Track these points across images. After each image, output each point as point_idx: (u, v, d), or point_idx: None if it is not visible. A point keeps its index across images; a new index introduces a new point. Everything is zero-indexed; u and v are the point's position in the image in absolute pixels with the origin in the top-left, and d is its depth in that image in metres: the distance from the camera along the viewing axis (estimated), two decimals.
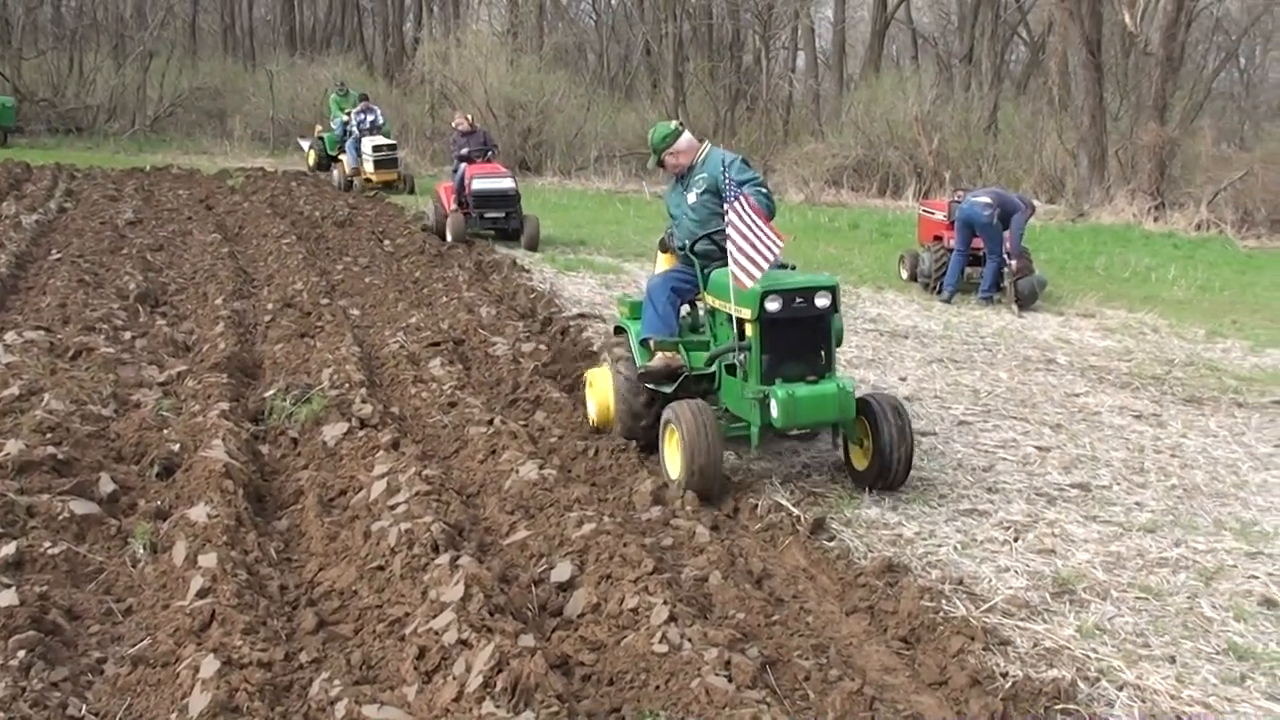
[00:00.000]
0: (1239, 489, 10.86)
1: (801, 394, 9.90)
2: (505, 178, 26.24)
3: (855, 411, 10.23)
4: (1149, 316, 19.58)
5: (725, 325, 10.82)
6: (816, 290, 10.18)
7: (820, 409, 10.00)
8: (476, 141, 27.13)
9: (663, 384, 11.11)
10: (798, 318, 10.17)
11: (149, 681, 6.40)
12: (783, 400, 9.82)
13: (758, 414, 10.09)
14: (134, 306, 16.07)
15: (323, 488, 9.70)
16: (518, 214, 26.11)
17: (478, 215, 25.69)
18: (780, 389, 9.91)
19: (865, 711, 6.40)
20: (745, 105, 54.89)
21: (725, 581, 8.10)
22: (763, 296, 9.93)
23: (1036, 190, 39.43)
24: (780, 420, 9.90)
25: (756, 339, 10.15)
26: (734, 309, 10.25)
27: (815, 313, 10.23)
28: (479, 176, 25.70)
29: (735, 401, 10.70)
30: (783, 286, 10.09)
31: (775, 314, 10.03)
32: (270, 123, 51.57)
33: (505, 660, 6.15)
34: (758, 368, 10.17)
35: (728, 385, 10.90)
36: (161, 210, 27.73)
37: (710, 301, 11.17)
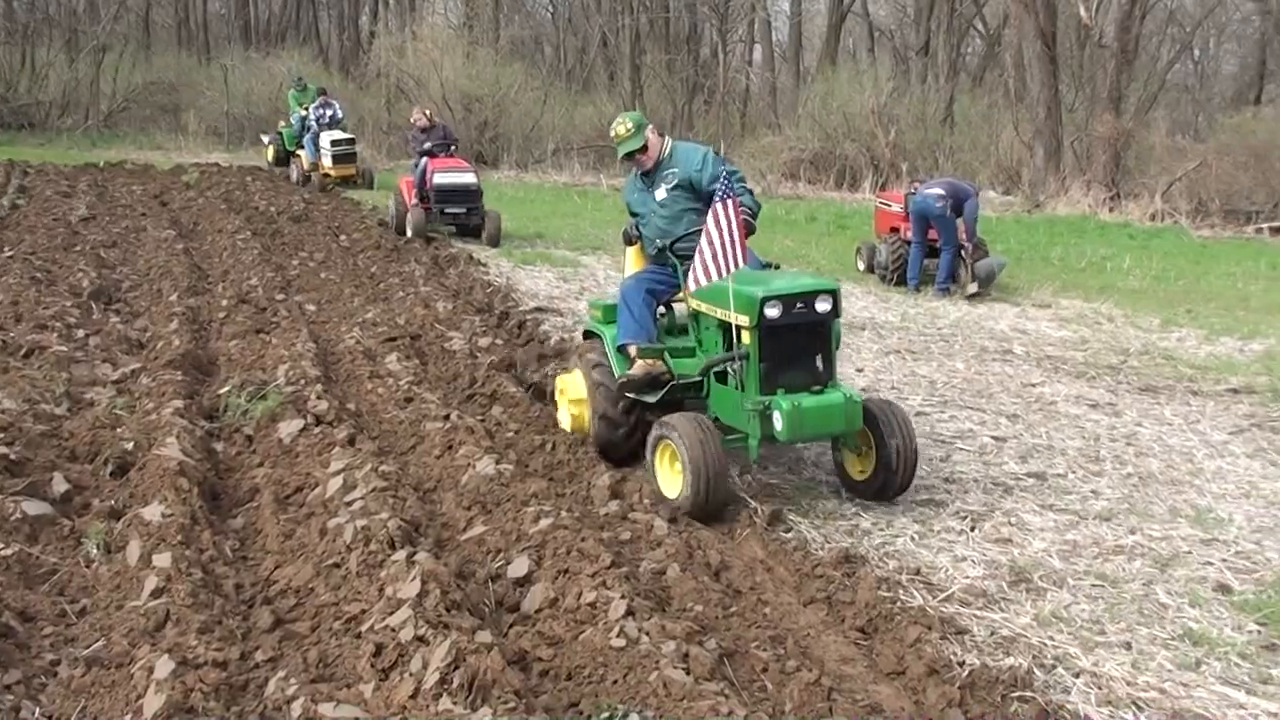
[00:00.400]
0: (1194, 476, 10.91)
1: (807, 405, 9.34)
2: (468, 172, 25.97)
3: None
4: (1104, 306, 19.65)
5: (713, 330, 10.39)
6: (817, 294, 9.64)
7: (827, 420, 9.45)
8: (437, 136, 26.80)
9: (645, 393, 10.48)
10: (798, 323, 9.60)
11: (103, 683, 6.35)
12: (788, 412, 9.25)
13: (758, 426, 9.51)
14: (87, 304, 15.98)
15: (278, 485, 9.66)
16: (479, 209, 25.73)
17: (439, 210, 25.42)
18: (784, 400, 9.35)
19: (823, 702, 6.40)
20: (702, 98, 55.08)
21: (683, 574, 8.09)
22: (762, 302, 9.37)
23: (993, 182, 39.66)
24: (785, 433, 9.32)
25: (755, 347, 9.57)
26: (733, 316, 9.66)
27: (816, 318, 9.68)
28: (441, 171, 25.42)
29: (729, 412, 10.10)
30: (783, 291, 9.53)
31: (775, 320, 9.47)
32: (225, 117, 51.31)
33: (462, 656, 6.13)
34: (756, 377, 9.58)
35: (719, 394, 10.29)
36: (115, 206, 27.58)
37: (696, 305, 10.59)
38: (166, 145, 47.20)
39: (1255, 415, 13.11)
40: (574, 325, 16.18)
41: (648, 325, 10.74)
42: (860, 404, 9.59)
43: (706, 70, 57.61)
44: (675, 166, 11.05)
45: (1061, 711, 6.42)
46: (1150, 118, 45.02)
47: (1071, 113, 44.01)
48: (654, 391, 10.46)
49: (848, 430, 9.66)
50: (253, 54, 59.88)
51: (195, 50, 69.79)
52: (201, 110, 52.29)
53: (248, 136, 48.84)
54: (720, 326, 10.17)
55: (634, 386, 10.42)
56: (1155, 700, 6.64)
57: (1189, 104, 63.11)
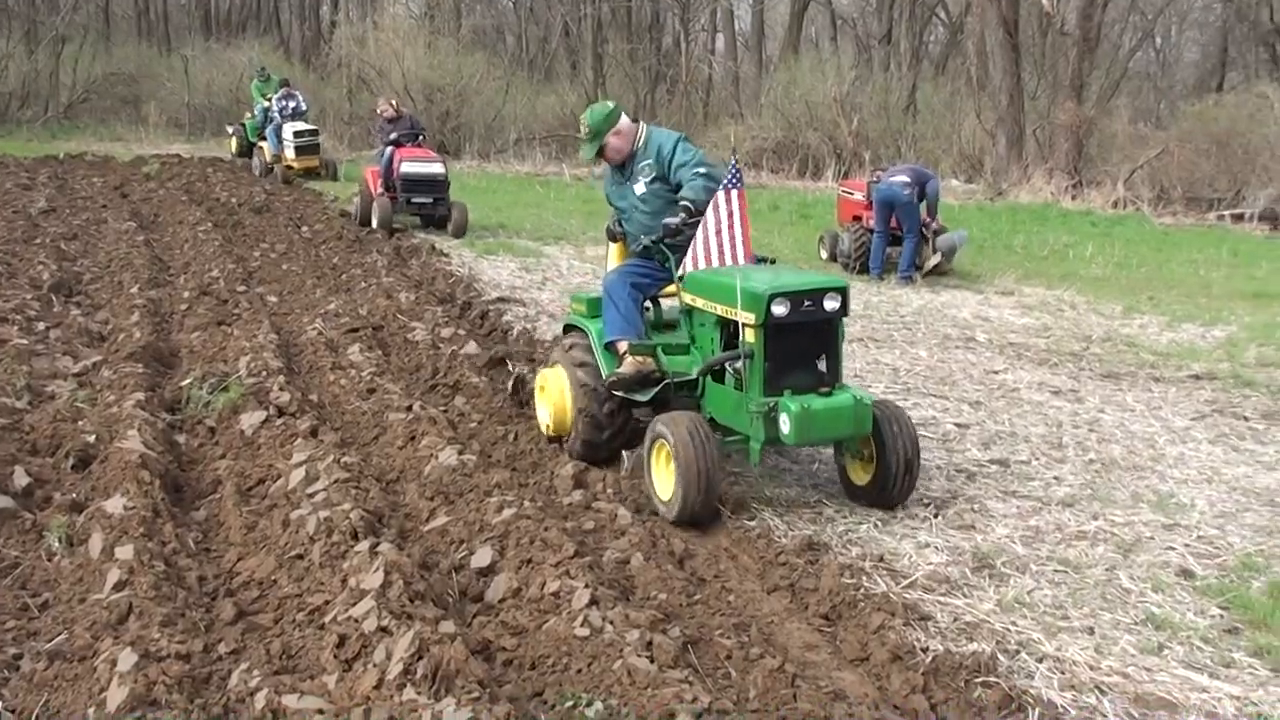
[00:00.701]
0: (1156, 462, 10.95)
1: (817, 407, 8.90)
2: (435, 162, 25.67)
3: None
4: (1067, 294, 19.73)
5: (710, 327, 9.89)
6: (826, 292, 9.16)
7: (836, 423, 9.01)
8: (404, 126, 26.53)
9: (636, 392, 10.07)
10: (805, 322, 9.14)
11: (66, 676, 6.32)
12: (796, 415, 8.80)
13: (761, 428, 9.04)
14: (48, 296, 15.90)
15: (241, 477, 9.63)
16: (446, 200, 25.53)
17: (405, 200, 25.13)
18: (792, 401, 8.91)
19: (787, 689, 6.40)
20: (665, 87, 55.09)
21: (647, 563, 8.09)
22: (769, 299, 8.89)
23: (955, 170, 39.80)
24: (793, 436, 8.85)
25: (760, 345, 9.09)
26: (738, 313, 9.10)
27: (824, 316, 9.20)
28: (408, 160, 25.11)
29: (727, 413, 9.63)
30: (790, 289, 9.03)
31: (782, 318, 8.99)
32: (186, 109, 51.17)
33: (426, 647, 6.12)
34: (761, 377, 9.14)
35: (716, 394, 9.81)
36: (76, 198, 27.44)
37: (691, 300, 10.00)
38: (127, 137, 46.98)
39: (1217, 401, 13.18)
40: (536, 315, 16.19)
41: (635, 321, 10.32)
42: (870, 406, 9.17)
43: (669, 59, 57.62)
44: (650, 157, 10.61)
45: (1025, 696, 6.43)
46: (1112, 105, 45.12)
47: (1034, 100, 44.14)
48: (645, 390, 10.06)
49: (856, 433, 9.24)
50: (213, 44, 59.74)
51: (155, 41, 69.52)
52: (162, 101, 52.11)
53: (209, 127, 48.72)
54: (719, 323, 9.74)
55: (624, 385, 10.03)
56: (1118, 685, 6.66)
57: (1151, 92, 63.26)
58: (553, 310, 16.68)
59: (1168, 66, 69.32)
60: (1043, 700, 6.42)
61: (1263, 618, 7.63)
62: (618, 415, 10.30)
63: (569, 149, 46.08)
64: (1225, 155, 37.21)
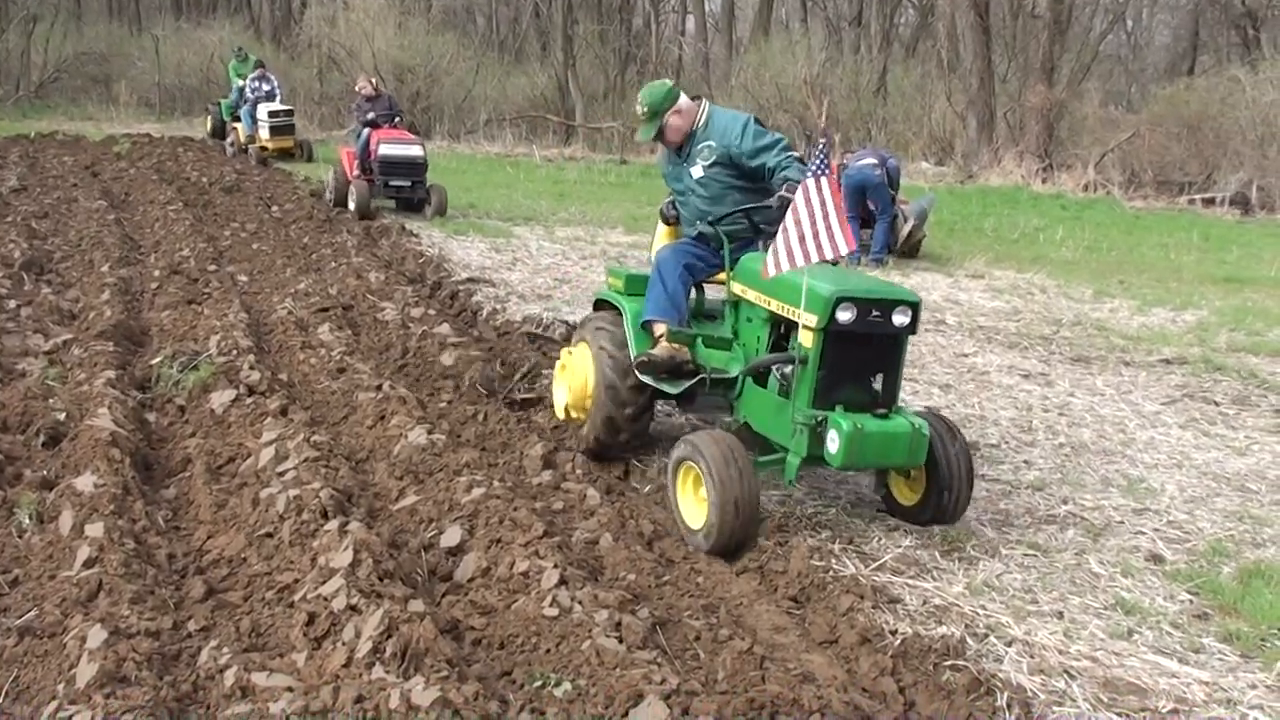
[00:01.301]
0: (1126, 447, 11.01)
1: (870, 429, 8.11)
2: (413, 144, 25.14)
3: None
4: (1037, 277, 19.81)
5: (758, 323, 9.21)
6: (897, 304, 8.33)
7: (889, 451, 8.25)
8: (382, 106, 25.95)
9: (664, 381, 9.36)
10: (870, 334, 8.34)
11: (36, 653, 6.31)
12: (848, 434, 8.01)
13: (804, 443, 8.32)
14: (19, 275, 15.83)
15: (211, 455, 9.61)
16: (424, 183, 25.00)
17: (383, 183, 24.52)
18: (843, 419, 8.13)
19: (755, 670, 6.41)
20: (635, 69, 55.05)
21: (616, 544, 8.10)
22: (835, 302, 8.11)
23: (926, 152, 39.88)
24: (839, 458, 8.07)
25: (816, 352, 8.30)
26: (799, 313, 8.31)
27: (891, 331, 8.39)
28: (386, 141, 24.56)
29: (766, 421, 8.95)
30: (859, 294, 8.23)
31: (846, 325, 8.20)
32: (157, 88, 51.03)
33: (395, 625, 6.12)
34: (811, 386, 8.38)
35: (756, 398, 9.12)
36: (46, 177, 27.32)
37: (741, 291, 9.34)
38: (98, 116, 46.82)
39: (1187, 386, 13.25)
40: (506, 295, 16.17)
41: (680, 304, 9.63)
42: (927, 437, 8.36)
43: (639, 40, 57.69)
44: (711, 139, 9.68)
45: (994, 680, 6.44)
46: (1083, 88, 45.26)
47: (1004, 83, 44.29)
48: (674, 380, 9.37)
49: (908, 464, 8.49)
50: (184, 24, 59.60)
51: (126, 20, 69.30)
52: (133, 81, 51.96)
53: (179, 107, 48.65)
54: (770, 320, 9.04)
55: (652, 369, 9.34)
56: (1087, 669, 6.68)
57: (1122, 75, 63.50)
58: (522, 291, 16.69)
59: (1139, 49, 69.43)
60: (1011, 684, 6.43)
61: (1232, 603, 7.67)
62: (640, 400, 9.68)
63: (539, 130, 46.11)
64: (1196, 139, 37.35)
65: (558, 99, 50.60)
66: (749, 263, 9.25)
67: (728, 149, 9.56)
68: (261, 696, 5.85)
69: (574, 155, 40.78)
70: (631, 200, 28.93)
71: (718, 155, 9.63)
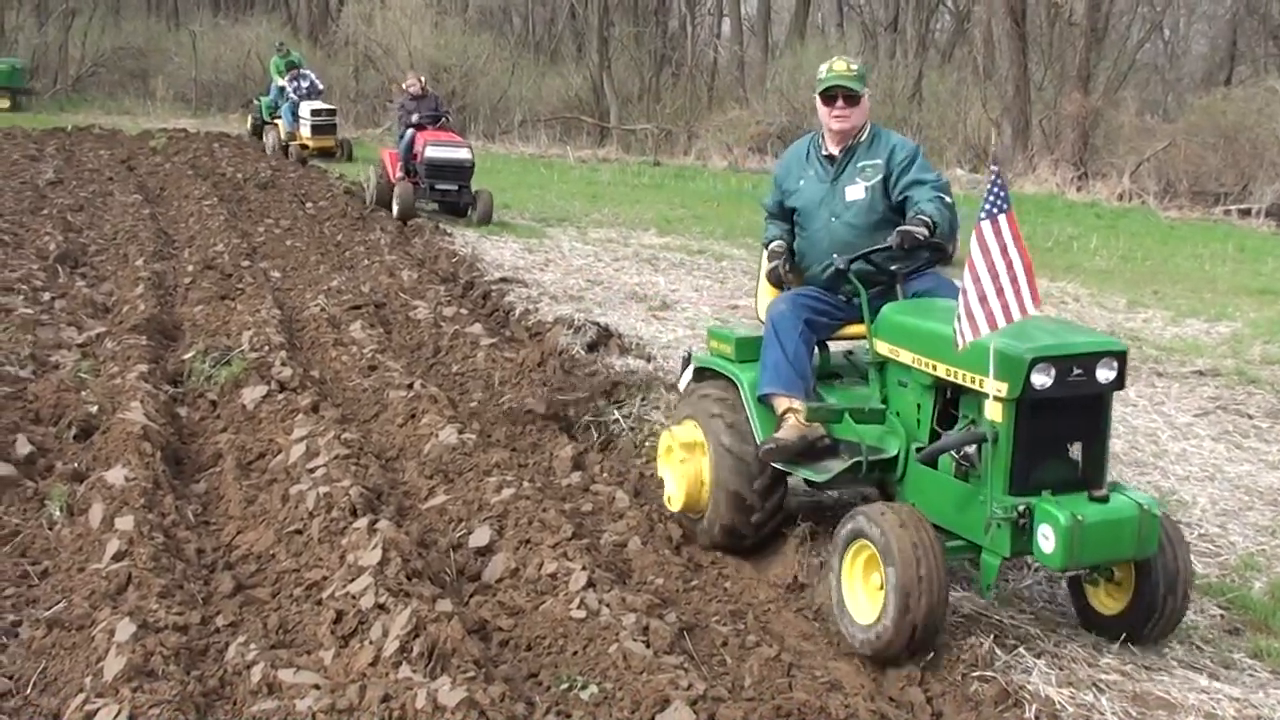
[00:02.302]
0: (1158, 458, 10.93)
1: (1092, 518, 6.54)
2: (461, 147, 24.15)
3: None
4: (1071, 286, 19.68)
5: (914, 390, 7.56)
6: (1101, 356, 6.80)
7: (1116, 543, 6.69)
8: (428, 106, 25.06)
9: (802, 467, 7.78)
10: (1071, 397, 6.79)
11: (64, 645, 6.35)
12: (1066, 530, 6.45)
13: (1006, 540, 6.73)
14: (53, 267, 15.91)
15: (241, 451, 9.64)
16: (470, 187, 23.96)
17: (428, 186, 23.56)
18: (1056, 508, 6.54)
19: (783, 677, 6.40)
20: (670, 71, 55.04)
21: (644, 547, 8.10)
22: (1030, 365, 6.56)
23: (960, 159, 39.66)
24: (1059, 558, 6.51)
25: (1009, 427, 6.72)
26: (989, 382, 6.66)
27: (1095, 390, 6.85)
28: (432, 143, 23.49)
29: (947, 512, 7.20)
30: (1056, 351, 6.69)
31: (1045, 392, 6.64)
32: (193, 84, 51.18)
33: (422, 625, 6.13)
34: (1007, 469, 6.79)
35: (927, 484, 7.42)
36: (83, 171, 27.45)
37: (889, 352, 7.64)
38: (134, 110, 46.97)
39: (1221, 398, 13.15)
40: (538, 296, 16.13)
41: (805, 371, 7.96)
42: (1158, 519, 6.80)
43: (674, 43, 57.70)
44: (878, 157, 8.18)
45: (1022, 692, 6.40)
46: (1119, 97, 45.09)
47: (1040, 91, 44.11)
48: (816, 466, 7.75)
49: (1138, 557, 6.87)
50: (221, 21, 59.79)
51: (164, 16, 69.48)
52: (170, 76, 52.15)
53: (215, 103, 48.77)
54: (933, 386, 7.39)
55: (783, 455, 7.77)
56: (1117, 683, 6.63)
57: (1158, 84, 63.22)
58: (554, 292, 16.65)
59: (1175, 59, 69.20)
60: (1040, 696, 6.39)
61: (1263, 619, 7.63)
62: (772, 493, 8.16)
63: (573, 131, 46.09)
64: (1232, 149, 37.14)
65: (592, 100, 50.62)
66: (894, 315, 7.66)
67: (891, 173, 8.13)
68: (288, 693, 5.87)
69: (608, 157, 40.75)
70: (665, 202, 28.90)
71: (881, 173, 8.15)
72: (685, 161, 40.47)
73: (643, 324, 14.89)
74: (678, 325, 15.01)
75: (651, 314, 15.62)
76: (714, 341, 8.84)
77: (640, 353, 13.01)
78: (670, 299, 16.69)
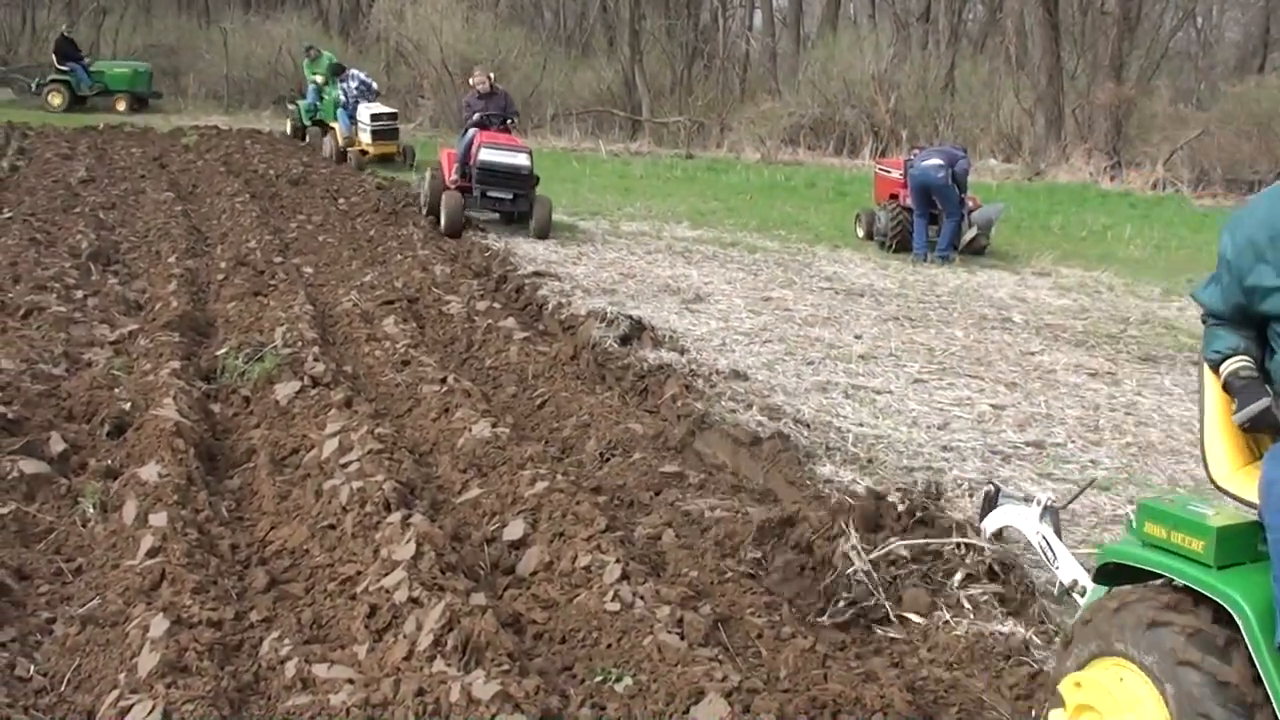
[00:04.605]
0: (1194, 447, 10.86)
1: None
2: (520, 152, 21.70)
3: None
4: (1105, 275, 19.67)
5: None
6: None
7: None
8: (496, 105, 22.70)
9: None
10: None
11: (98, 641, 6.36)
12: None
13: None
14: (86, 265, 15.93)
15: (274, 446, 9.64)
16: (529, 196, 21.70)
17: (480, 194, 21.35)
18: None
19: (818, 669, 6.38)
20: (702, 63, 55.02)
21: (678, 539, 8.08)
22: None
23: (994, 149, 39.66)
24: None
25: None
26: None
27: None
28: (488, 145, 21.35)
29: None
30: None
31: None
32: (225, 81, 51.24)
33: (456, 619, 6.12)
34: None
35: None
36: (115, 168, 27.46)
37: None
38: (166, 108, 47.00)
39: None
40: (571, 290, 16.11)
41: None
42: None
43: (706, 35, 57.69)
44: None
45: None
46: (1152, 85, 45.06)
47: (1073, 80, 44.03)
48: None
49: None
50: (252, 18, 59.79)
51: (195, 13, 69.50)
52: (201, 73, 52.20)
53: (247, 100, 48.81)
54: None
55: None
56: None
57: (1191, 72, 63.05)
58: (587, 285, 16.65)
59: (1209, 46, 68.94)
60: None
61: None
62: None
63: (605, 124, 46.06)
64: (1266, 137, 37.05)
65: (624, 94, 50.61)
66: None
67: None
68: (322, 688, 5.87)
69: (640, 150, 40.72)
70: (697, 195, 28.89)
71: None
72: (718, 154, 40.42)
73: (676, 316, 14.90)
74: (711, 318, 15.00)
75: (685, 306, 15.61)
76: (1150, 524, 5.37)
77: (674, 345, 13.01)
78: (703, 292, 16.69)
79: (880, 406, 11.59)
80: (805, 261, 19.82)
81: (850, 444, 10.37)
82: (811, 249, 21.26)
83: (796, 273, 18.77)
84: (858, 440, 10.43)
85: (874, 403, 11.60)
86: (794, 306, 15.97)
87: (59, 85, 43.29)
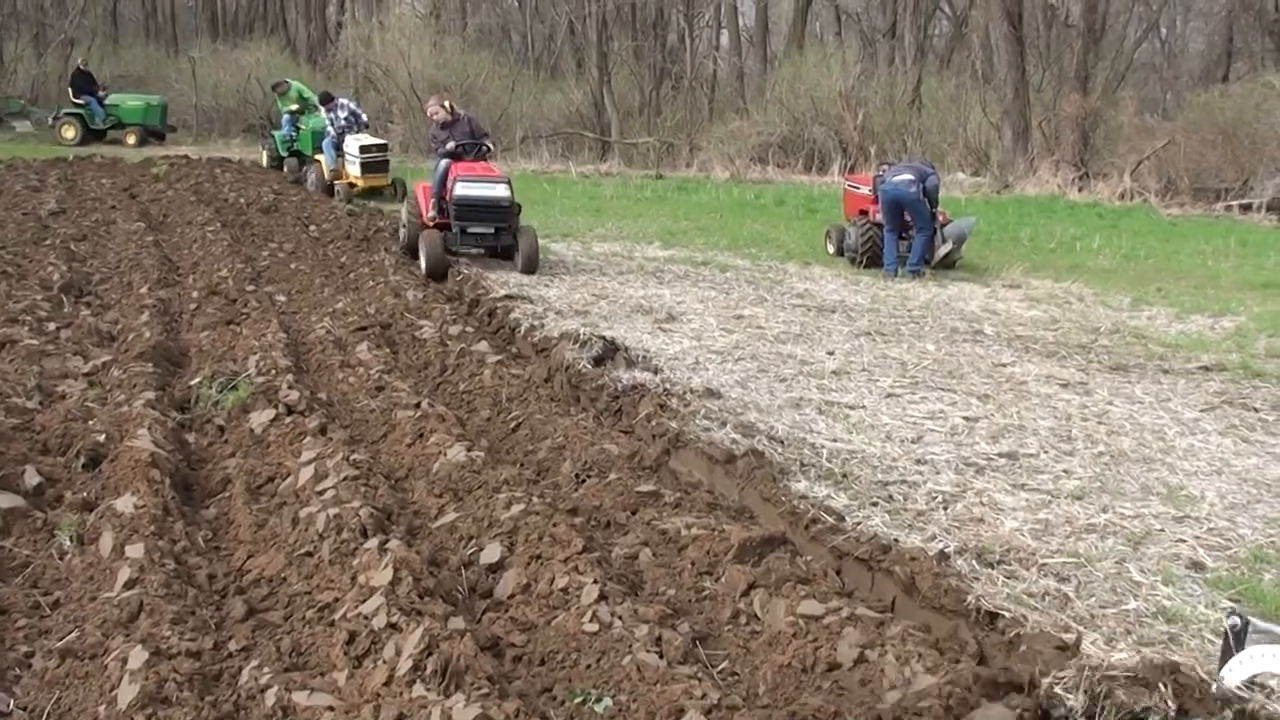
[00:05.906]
0: (1165, 454, 10.94)
1: None
2: (498, 182, 20.14)
3: None
4: (1075, 286, 19.74)
5: None
6: None
7: None
8: (461, 132, 21.36)
9: None
10: None
11: (77, 674, 6.36)
12: None
13: None
14: (58, 297, 15.92)
15: (250, 475, 9.65)
16: (510, 229, 20.25)
17: (459, 230, 19.94)
18: None
19: (795, 684, 6.40)
20: (670, 84, 55.10)
21: (655, 558, 8.10)
22: None
23: (961, 163, 39.78)
24: None
25: None
26: None
27: None
28: (464, 179, 19.93)
29: None
30: None
31: None
32: (194, 110, 51.18)
33: (435, 643, 6.14)
34: None
35: None
36: (85, 200, 27.41)
37: None
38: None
39: (1226, 392, 13.17)
40: (543, 312, 16.11)
41: None
42: None
43: (674, 56, 57.70)
44: None
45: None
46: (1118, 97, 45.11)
47: (1039, 93, 44.16)
48: None
49: None
50: (220, 46, 59.70)
51: (163, 43, 69.48)
52: (170, 103, 52.15)
53: (216, 128, 48.77)
54: None
55: None
56: None
57: (1157, 82, 63.25)
58: (560, 307, 16.64)
59: (1173, 57, 69.19)
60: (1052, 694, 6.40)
61: (1275, 610, 7.61)
62: None
63: (575, 146, 46.09)
64: (1232, 145, 37.14)
65: (593, 115, 50.61)
66: None
67: None
68: (303, 715, 5.89)
69: (610, 171, 40.73)
70: (668, 215, 28.92)
71: None
72: (687, 174, 40.50)
73: (649, 336, 14.90)
74: (684, 337, 15.02)
75: (658, 326, 15.62)
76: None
77: (647, 365, 13.03)
78: (676, 311, 16.70)
79: (854, 421, 11.61)
80: (776, 279, 19.86)
81: (825, 459, 10.38)
82: (782, 266, 21.30)
83: (768, 290, 18.80)
84: (832, 456, 10.44)
85: (847, 418, 11.63)
86: (766, 324, 15.98)
87: (72, 119, 43.47)
